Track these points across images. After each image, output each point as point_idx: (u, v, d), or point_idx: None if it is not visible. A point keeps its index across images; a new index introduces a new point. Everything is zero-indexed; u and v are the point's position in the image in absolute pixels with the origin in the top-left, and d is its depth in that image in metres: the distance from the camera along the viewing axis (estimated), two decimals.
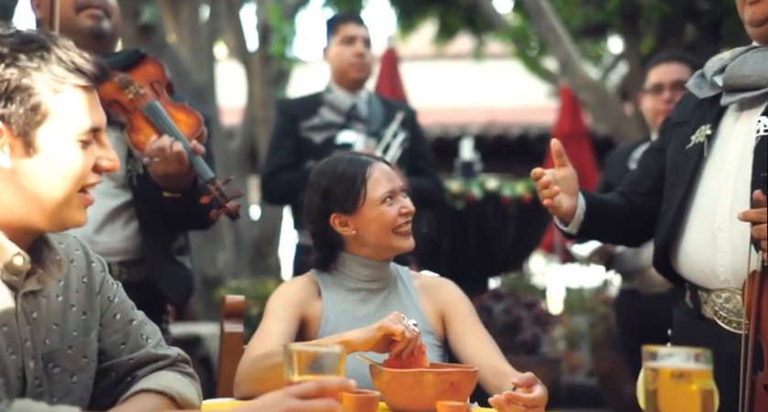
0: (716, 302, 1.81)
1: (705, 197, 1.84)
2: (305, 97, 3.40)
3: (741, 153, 1.79)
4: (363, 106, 3.30)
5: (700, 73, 1.96)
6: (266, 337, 1.85)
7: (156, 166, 2.14)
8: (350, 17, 3.38)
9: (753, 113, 1.81)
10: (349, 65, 3.27)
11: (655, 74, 3.20)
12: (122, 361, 1.44)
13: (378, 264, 1.95)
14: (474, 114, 9.42)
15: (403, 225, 1.93)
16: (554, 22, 5.90)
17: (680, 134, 1.96)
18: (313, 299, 1.95)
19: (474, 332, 1.89)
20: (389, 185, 1.92)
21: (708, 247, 1.81)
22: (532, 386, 1.55)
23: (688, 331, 1.91)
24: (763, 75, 1.78)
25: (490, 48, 9.75)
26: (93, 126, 1.32)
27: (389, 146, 3.20)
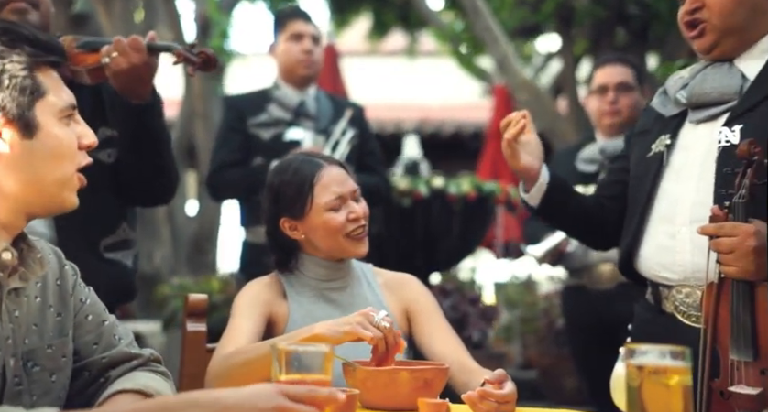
0: (676, 297, 1.89)
1: (665, 202, 1.93)
2: (253, 93, 3.39)
3: (702, 161, 1.87)
4: (311, 103, 3.30)
5: (663, 91, 2.05)
6: (235, 336, 1.85)
7: (116, 62, 2.01)
8: (298, 14, 3.36)
9: (713, 124, 1.89)
10: (297, 62, 3.27)
11: (600, 76, 3.28)
12: (95, 360, 1.45)
13: (336, 264, 1.96)
14: (408, 111, 9.49)
15: (355, 230, 1.92)
16: (490, 22, 5.99)
17: (642, 143, 2.05)
18: (279, 300, 1.95)
19: (440, 329, 1.92)
20: (338, 190, 1.91)
21: (670, 247, 1.89)
22: (503, 383, 1.59)
23: (649, 326, 1.99)
24: (724, 91, 1.88)
25: (424, 46, 9.83)
26: (70, 102, 1.34)
27: (337, 143, 3.21)
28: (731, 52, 1.91)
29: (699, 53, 1.96)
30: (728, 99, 1.87)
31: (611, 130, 3.22)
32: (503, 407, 1.56)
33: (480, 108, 9.35)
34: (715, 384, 1.73)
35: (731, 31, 1.88)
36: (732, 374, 1.70)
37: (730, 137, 1.83)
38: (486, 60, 8.20)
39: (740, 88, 1.87)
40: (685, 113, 1.96)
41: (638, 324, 2.07)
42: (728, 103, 1.87)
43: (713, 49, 1.91)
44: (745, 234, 1.68)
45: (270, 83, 3.37)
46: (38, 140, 1.29)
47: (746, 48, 1.90)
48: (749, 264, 1.68)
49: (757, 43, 1.90)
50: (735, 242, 1.68)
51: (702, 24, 1.89)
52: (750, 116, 1.83)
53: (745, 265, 1.68)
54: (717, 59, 1.94)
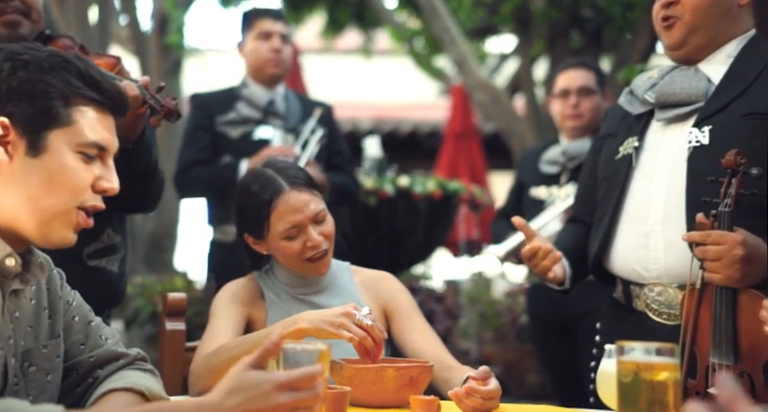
0: (648, 295, 1.94)
1: (636, 202, 1.98)
2: (221, 91, 3.38)
3: (672, 162, 1.93)
4: (280, 102, 3.31)
5: (629, 90, 2.11)
6: (216, 335, 1.86)
7: None
8: (267, 13, 3.35)
9: (681, 125, 1.95)
10: (266, 61, 3.27)
11: (562, 80, 3.36)
12: (83, 359, 1.47)
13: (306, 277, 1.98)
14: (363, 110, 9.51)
15: (312, 256, 1.91)
16: (449, 23, 6.06)
17: (609, 145, 2.10)
18: (257, 301, 1.97)
19: (418, 326, 1.94)
20: (294, 219, 1.88)
21: (642, 247, 1.94)
22: (487, 379, 1.63)
23: (618, 324, 2.04)
24: (691, 92, 1.94)
25: (380, 44, 9.85)
26: (96, 142, 1.35)
27: (307, 142, 3.23)
28: (697, 53, 1.98)
29: (667, 50, 2.01)
30: (695, 100, 1.93)
31: (574, 133, 3.31)
32: (488, 403, 1.60)
33: (436, 107, 9.42)
34: (690, 384, 1.77)
35: (700, 29, 1.94)
36: (709, 375, 1.74)
37: (700, 138, 1.89)
38: (442, 60, 8.28)
39: (706, 90, 1.94)
40: (652, 112, 2.02)
41: (606, 322, 2.12)
42: (695, 104, 1.93)
43: (681, 47, 1.97)
44: (732, 243, 1.71)
45: (238, 81, 3.36)
46: (41, 160, 1.30)
47: (711, 52, 1.97)
48: (735, 272, 1.71)
49: (722, 48, 1.96)
50: (722, 250, 1.71)
51: (673, 19, 1.95)
52: (718, 118, 1.89)
53: (731, 273, 1.71)
54: (682, 60, 2.00)
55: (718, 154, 1.80)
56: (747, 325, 1.71)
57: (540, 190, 3.32)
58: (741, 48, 1.96)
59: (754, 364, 1.70)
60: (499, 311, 4.42)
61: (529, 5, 5.94)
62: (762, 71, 1.91)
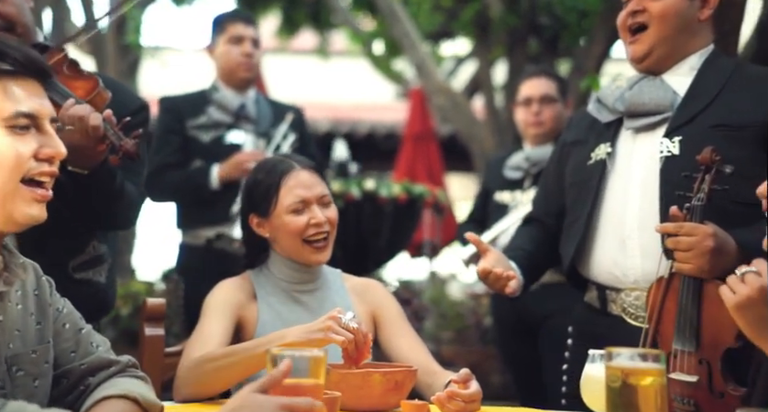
0: (624, 300, 2.02)
1: (612, 209, 2.05)
2: (191, 94, 3.38)
3: (645, 170, 2.01)
4: (251, 106, 3.32)
5: (596, 99, 2.19)
6: (205, 338, 1.88)
7: (69, 134, 1.86)
8: (239, 17, 3.38)
9: (651, 134, 2.04)
10: (237, 65, 3.29)
11: (525, 88, 3.46)
12: (74, 367, 1.47)
13: (305, 267, 2.00)
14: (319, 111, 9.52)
15: (314, 235, 1.95)
16: (408, 27, 6.12)
17: (578, 152, 2.17)
18: (249, 301, 1.99)
19: (404, 333, 2.00)
20: (303, 194, 1.95)
21: (619, 252, 2.02)
22: (468, 382, 1.68)
23: (592, 327, 2.11)
24: (660, 103, 2.03)
25: (336, 45, 9.87)
26: (22, 112, 1.32)
27: (279, 146, 3.25)
28: (660, 64, 2.07)
29: (632, 61, 2.10)
30: (663, 110, 2.03)
31: (536, 139, 3.41)
32: (470, 406, 1.65)
33: (393, 109, 9.48)
34: None
35: (665, 40, 2.04)
36: (670, 361, 1.82)
37: (671, 148, 1.98)
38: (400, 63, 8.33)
39: (673, 101, 2.03)
40: (621, 120, 2.10)
41: (579, 326, 2.20)
42: (662, 114, 2.03)
43: (645, 58, 2.06)
44: (704, 235, 1.80)
45: (208, 85, 3.37)
46: None
47: (674, 63, 2.07)
48: (705, 263, 1.80)
49: (685, 60, 2.07)
50: (694, 241, 1.80)
51: (643, 31, 2.04)
52: (687, 129, 1.98)
53: (701, 263, 1.80)
54: (646, 71, 2.09)
55: (688, 164, 1.90)
56: (710, 315, 1.80)
57: (504, 195, 3.40)
58: (703, 62, 2.06)
59: (714, 353, 1.79)
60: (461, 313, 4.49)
61: (488, 12, 6.03)
62: (726, 85, 2.01)
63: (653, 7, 2.03)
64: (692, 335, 1.81)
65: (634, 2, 2.05)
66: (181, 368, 1.85)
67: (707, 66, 2.06)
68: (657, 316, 1.86)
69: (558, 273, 2.32)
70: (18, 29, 2.08)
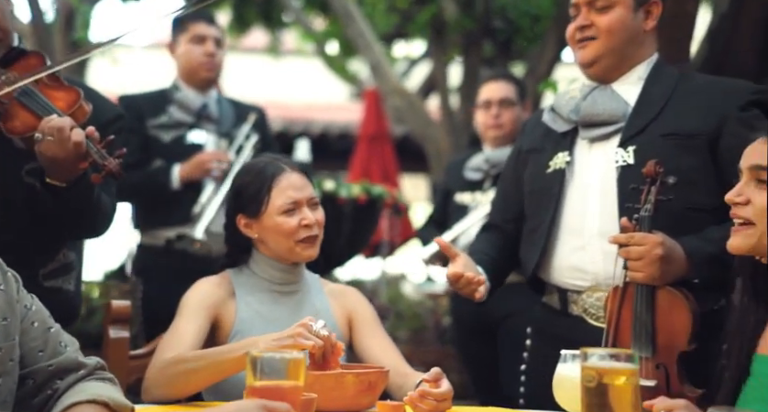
0: (586, 301, 2.08)
1: (572, 216, 2.12)
2: (151, 93, 3.34)
3: (603, 179, 2.08)
4: (213, 106, 3.30)
5: (551, 108, 2.24)
6: (178, 339, 1.88)
7: (47, 145, 1.87)
8: (201, 16, 3.33)
9: (606, 143, 2.11)
10: (199, 64, 3.26)
11: (485, 92, 3.53)
12: (41, 367, 1.45)
13: (289, 267, 2.03)
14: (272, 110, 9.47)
15: (305, 236, 1.98)
16: (363, 27, 6.14)
17: (536, 159, 2.23)
18: (227, 299, 1.99)
19: (378, 336, 2.03)
20: (294, 195, 1.98)
21: (581, 256, 2.08)
22: (439, 381, 1.71)
23: (551, 327, 2.17)
24: (613, 113, 2.11)
25: (288, 44, 9.83)
26: None
27: (241, 147, 3.24)
28: (608, 73, 2.14)
29: (581, 66, 2.17)
30: (616, 120, 2.10)
31: (495, 142, 3.47)
32: (441, 405, 1.68)
33: (346, 109, 9.49)
34: None
35: (612, 51, 2.11)
36: None
37: (627, 158, 2.05)
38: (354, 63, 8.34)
39: (625, 111, 2.11)
40: (576, 129, 2.16)
41: (538, 326, 2.25)
42: (616, 124, 2.10)
43: (592, 65, 2.13)
44: (653, 244, 1.88)
45: (169, 84, 3.33)
46: None
47: (623, 73, 2.14)
48: (655, 270, 1.88)
49: (632, 70, 2.14)
50: (644, 250, 1.88)
51: (590, 41, 2.11)
52: (640, 139, 2.06)
53: (652, 271, 1.88)
54: (595, 78, 2.16)
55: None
56: (664, 320, 1.89)
57: (465, 196, 3.46)
58: (650, 71, 2.15)
59: (669, 357, 1.87)
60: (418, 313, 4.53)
61: (443, 14, 6.09)
62: (672, 94, 2.10)
63: (601, 21, 2.10)
64: (648, 341, 1.88)
65: (582, 16, 2.12)
66: (152, 368, 1.84)
67: (653, 75, 2.15)
68: (615, 323, 1.93)
69: (517, 273, 2.36)
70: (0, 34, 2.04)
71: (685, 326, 1.87)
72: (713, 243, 1.92)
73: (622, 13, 2.10)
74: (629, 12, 2.11)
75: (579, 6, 2.13)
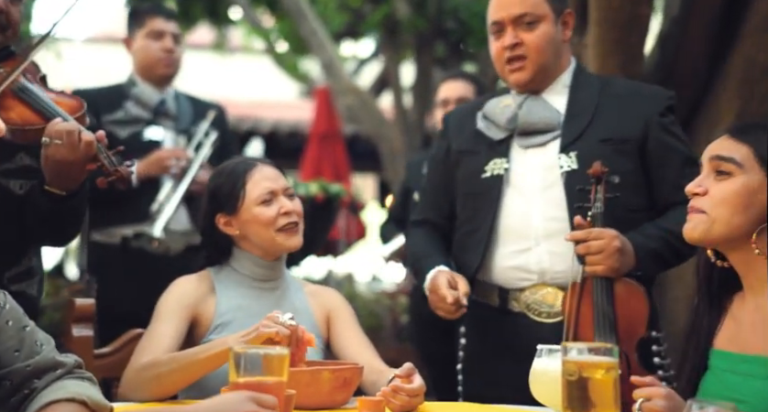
0: (529, 297, 2.14)
1: (513, 219, 2.17)
2: (107, 88, 3.27)
3: (543, 183, 2.16)
4: (171, 102, 3.25)
5: (483, 116, 2.27)
6: (155, 342, 1.87)
7: (56, 149, 1.84)
8: (159, 11, 3.29)
9: (542, 149, 2.18)
10: (157, 60, 3.21)
11: (443, 90, 3.56)
12: (18, 368, 1.42)
13: (271, 263, 2.04)
14: None
15: (287, 225, 2.00)
16: (316, 26, 6.13)
17: (470, 162, 2.26)
18: (207, 297, 1.99)
19: (354, 334, 2.05)
20: (270, 185, 2.00)
21: (526, 257, 2.14)
22: (411, 376, 1.74)
23: (486, 325, 2.24)
24: (548, 122, 2.18)
25: (235, 41, 9.75)
26: None
27: (200, 144, 3.20)
28: (538, 86, 2.22)
29: (515, 86, 2.22)
30: (552, 128, 2.18)
31: None
32: (414, 400, 1.71)
33: (295, 107, 9.45)
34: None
35: (543, 67, 2.19)
36: None
37: (570, 163, 2.14)
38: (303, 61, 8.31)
39: (557, 119, 2.19)
40: (511, 136, 2.22)
41: (475, 325, 2.30)
42: (552, 132, 2.18)
43: (528, 84, 2.20)
44: (611, 237, 1.98)
45: (125, 79, 3.28)
46: None
47: (549, 84, 2.22)
48: (615, 262, 1.97)
49: (558, 79, 2.23)
50: (603, 243, 1.97)
51: (523, 60, 2.16)
52: (579, 145, 2.15)
53: (612, 263, 1.97)
54: (526, 92, 2.22)
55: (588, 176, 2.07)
56: (623, 310, 1.99)
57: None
58: (572, 78, 2.24)
59: (629, 344, 1.97)
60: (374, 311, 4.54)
61: (396, 14, 6.12)
62: (599, 101, 2.20)
63: (529, 39, 2.15)
64: (611, 331, 1.96)
65: (510, 36, 2.16)
66: (128, 372, 1.85)
67: (576, 82, 2.24)
68: (575, 319, 1.99)
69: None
70: (8, 32, 2.02)
71: (643, 313, 1.99)
72: (653, 239, 2.07)
73: (547, 28, 2.16)
74: (552, 26, 2.18)
75: (504, 24, 2.16)
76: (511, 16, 2.14)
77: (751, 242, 1.55)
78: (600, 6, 2.91)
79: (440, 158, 2.36)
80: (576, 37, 3.15)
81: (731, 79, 3.26)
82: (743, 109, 3.24)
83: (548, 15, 2.17)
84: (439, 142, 2.39)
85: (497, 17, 2.17)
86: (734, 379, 1.56)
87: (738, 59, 3.25)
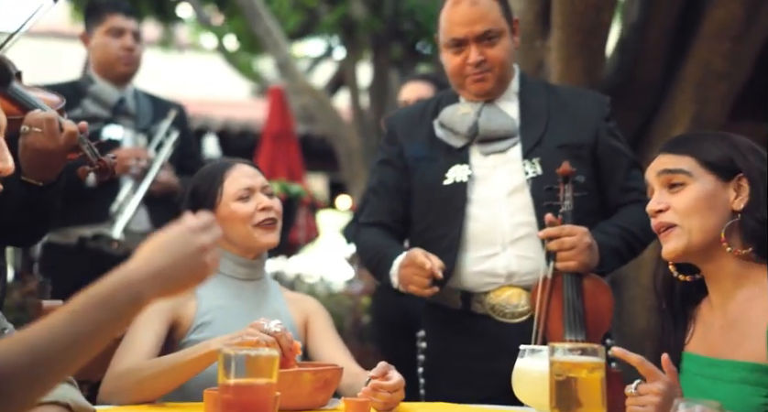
0: (493, 299, 2.17)
1: (480, 225, 2.19)
2: (63, 85, 3.17)
3: (507, 190, 2.19)
4: (131, 101, 3.19)
5: (440, 124, 2.27)
6: (135, 346, 1.85)
7: (36, 137, 1.80)
8: (119, 8, 3.21)
9: (502, 156, 2.21)
10: (116, 58, 3.15)
11: (404, 92, 3.58)
12: None
13: (252, 262, 2.04)
14: None
15: (264, 220, 2.00)
16: (270, 25, 6.08)
17: (428, 169, 2.26)
18: (187, 299, 1.97)
19: (331, 339, 2.06)
20: (247, 182, 2.01)
21: (493, 262, 2.17)
22: (387, 374, 1.75)
23: (447, 327, 2.25)
24: (507, 129, 2.22)
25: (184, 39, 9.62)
26: None
27: (161, 144, 3.15)
28: (495, 94, 2.25)
29: (476, 95, 2.24)
30: (510, 135, 2.22)
31: None
32: (395, 396, 1.73)
33: (246, 106, 9.36)
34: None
35: (503, 77, 2.24)
36: None
37: (536, 169, 2.18)
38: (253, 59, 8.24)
39: (513, 126, 2.23)
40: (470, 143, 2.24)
41: (436, 327, 2.31)
42: (511, 138, 2.21)
43: (488, 93, 2.24)
44: (582, 233, 2.05)
45: (82, 76, 3.22)
46: None
47: (503, 91, 2.26)
48: (586, 257, 2.03)
49: (509, 86, 2.27)
50: (576, 239, 2.03)
51: (486, 73, 2.19)
52: (540, 151, 2.19)
53: (583, 258, 2.03)
54: (480, 98, 2.24)
55: (553, 180, 2.12)
56: (591, 304, 2.05)
57: None
58: (519, 84, 2.29)
59: (596, 338, 2.03)
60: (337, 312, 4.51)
61: (352, 15, 6.11)
62: (549, 108, 2.25)
63: (493, 54, 2.18)
64: (581, 325, 2.01)
65: (475, 52, 2.17)
66: (109, 378, 1.82)
67: (524, 88, 2.29)
68: (545, 314, 2.04)
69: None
70: None
71: (609, 308, 2.07)
72: (613, 236, 2.14)
73: (506, 41, 2.20)
74: (509, 37, 2.21)
75: (466, 41, 2.17)
76: (475, 33, 2.15)
77: (721, 241, 1.59)
78: (564, 11, 2.95)
79: (392, 162, 2.34)
80: (539, 40, 3.20)
81: (687, 83, 3.34)
82: (699, 112, 3.33)
83: (506, 28, 2.20)
84: (387, 146, 2.37)
85: (458, 35, 2.16)
86: (704, 382, 1.59)
87: (693, 65, 3.33)
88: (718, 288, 1.63)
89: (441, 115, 2.27)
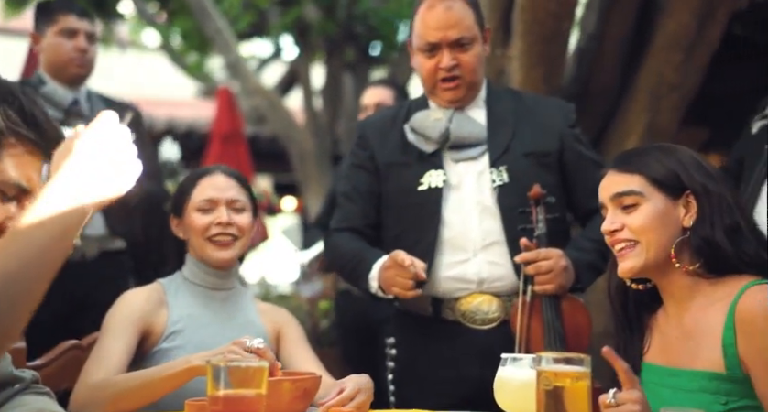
0: (465, 306, 2.18)
1: (453, 230, 2.20)
2: None
3: (479, 197, 2.20)
4: (84, 103, 3.12)
5: (410, 128, 2.28)
6: (106, 357, 1.82)
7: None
8: (71, 8, 3.11)
9: (474, 163, 2.23)
10: (69, 60, 3.06)
11: (365, 96, 3.62)
12: None
13: (220, 272, 2.02)
14: None
15: (217, 235, 1.98)
16: (221, 25, 6.01)
17: (403, 175, 2.26)
18: (158, 308, 1.95)
19: (303, 350, 2.07)
20: (213, 194, 2.00)
21: (464, 268, 2.18)
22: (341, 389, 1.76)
23: (416, 333, 2.26)
24: (477, 136, 2.24)
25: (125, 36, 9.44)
26: (18, 183, 1.26)
27: None
28: (466, 101, 2.27)
29: (447, 102, 2.25)
30: (480, 142, 2.24)
31: None
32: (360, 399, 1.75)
33: (190, 106, 9.23)
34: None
35: (474, 84, 2.25)
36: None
37: (503, 177, 2.20)
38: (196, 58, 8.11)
39: (482, 133, 2.25)
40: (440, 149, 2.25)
41: (405, 335, 2.31)
42: (481, 146, 2.23)
43: (459, 100, 2.25)
44: (557, 256, 2.07)
45: (33, 77, 3.12)
46: None
47: (473, 99, 2.28)
48: (563, 279, 2.07)
49: (478, 94, 2.29)
50: (552, 263, 2.06)
51: (458, 80, 2.21)
52: (507, 159, 2.21)
53: (561, 280, 2.06)
54: (451, 105, 2.26)
55: (519, 189, 2.15)
56: (570, 324, 2.09)
57: None
58: (486, 92, 2.31)
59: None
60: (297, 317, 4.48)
61: (306, 18, 6.08)
62: (516, 115, 2.27)
63: (465, 60, 2.20)
64: (561, 345, 2.05)
65: (448, 57, 2.19)
66: (79, 391, 1.78)
67: (490, 95, 2.31)
68: (526, 336, 2.08)
69: None
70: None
71: (587, 326, 2.11)
72: (587, 252, 2.16)
73: (478, 48, 2.22)
74: (481, 45, 2.23)
75: (440, 46, 2.18)
76: (449, 39, 2.17)
77: (671, 257, 1.62)
78: (525, 20, 2.99)
79: (364, 166, 2.33)
80: (500, 49, 3.24)
81: (641, 93, 3.42)
82: (652, 121, 3.42)
83: (478, 35, 2.21)
84: (358, 150, 2.36)
85: (433, 39, 2.17)
86: (665, 392, 1.62)
87: (646, 75, 3.42)
88: (673, 300, 1.67)
89: (412, 120, 2.27)
